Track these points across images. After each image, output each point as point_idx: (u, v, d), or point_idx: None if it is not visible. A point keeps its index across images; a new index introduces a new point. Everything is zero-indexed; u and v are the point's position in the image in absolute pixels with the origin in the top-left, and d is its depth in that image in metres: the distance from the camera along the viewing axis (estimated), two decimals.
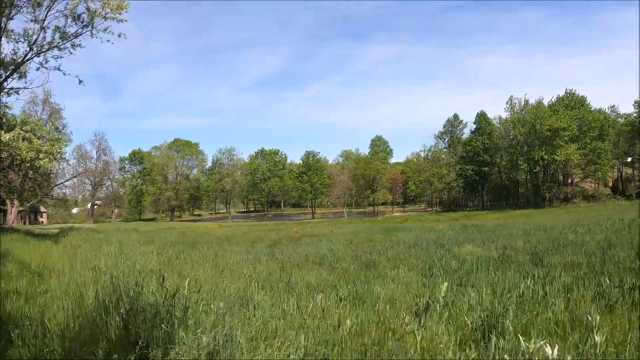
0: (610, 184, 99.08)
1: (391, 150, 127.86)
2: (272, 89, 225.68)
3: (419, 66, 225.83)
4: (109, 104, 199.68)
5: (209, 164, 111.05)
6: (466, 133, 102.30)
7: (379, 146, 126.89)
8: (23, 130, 18.42)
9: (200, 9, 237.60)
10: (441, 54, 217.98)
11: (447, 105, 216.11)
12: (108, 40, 23.15)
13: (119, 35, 23.39)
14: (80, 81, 24.61)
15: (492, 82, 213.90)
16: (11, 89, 25.18)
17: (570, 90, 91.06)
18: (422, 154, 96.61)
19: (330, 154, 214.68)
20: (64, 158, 21.64)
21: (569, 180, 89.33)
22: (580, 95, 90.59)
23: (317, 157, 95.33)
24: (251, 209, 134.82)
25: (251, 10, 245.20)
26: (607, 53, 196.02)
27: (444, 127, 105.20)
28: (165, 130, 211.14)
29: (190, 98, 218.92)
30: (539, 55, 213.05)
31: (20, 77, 25.88)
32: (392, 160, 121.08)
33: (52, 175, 36.03)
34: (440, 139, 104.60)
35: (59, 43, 22.63)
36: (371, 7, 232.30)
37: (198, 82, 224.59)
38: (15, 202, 55.94)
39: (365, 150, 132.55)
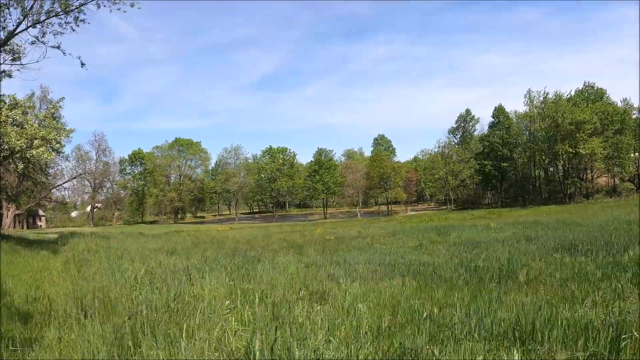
0: (627, 178, 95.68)
1: (394, 149, 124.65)
2: (270, 89, 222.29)
3: (416, 65, 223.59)
4: (106, 107, 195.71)
5: (212, 163, 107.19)
6: (479, 129, 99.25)
7: (382, 145, 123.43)
8: (12, 113, 14.67)
9: (196, 9, 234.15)
10: (438, 52, 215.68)
11: (445, 104, 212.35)
12: (119, 9, 19.47)
13: (132, 5, 19.67)
14: (83, 64, 21.14)
15: (490, 80, 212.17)
16: (3, 71, 21.44)
17: (589, 82, 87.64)
18: (436, 150, 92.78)
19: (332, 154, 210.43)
20: (63, 152, 17.59)
21: (589, 176, 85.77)
22: (599, 88, 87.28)
23: (329, 155, 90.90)
24: (255, 210, 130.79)
25: (248, 10, 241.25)
26: (605, 49, 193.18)
27: (456, 123, 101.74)
28: (164, 132, 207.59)
29: (188, 99, 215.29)
30: (537, 53, 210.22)
31: (14, 60, 22.22)
32: (395, 159, 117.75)
33: (49, 170, 31.64)
34: (453, 134, 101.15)
35: (59, 12, 18.87)
36: (368, 7, 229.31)
37: (196, 83, 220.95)
38: (12, 205, 52.04)
39: (368, 149, 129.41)
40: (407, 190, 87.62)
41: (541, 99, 78.43)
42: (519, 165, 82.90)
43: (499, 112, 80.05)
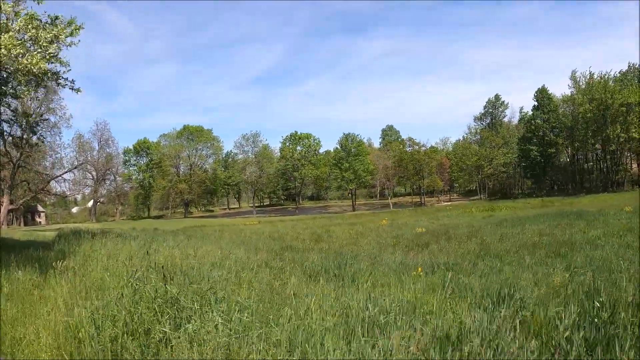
0: None
1: (403, 140, 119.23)
2: (270, 85, 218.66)
3: (416, 60, 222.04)
4: (106, 105, 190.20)
5: (223, 153, 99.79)
6: (508, 115, 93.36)
7: (391, 136, 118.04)
8: None
9: (195, 7, 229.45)
10: (438, 47, 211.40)
11: (444, 98, 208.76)
12: None
13: None
14: None
15: (489, 75, 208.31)
16: None
17: (633, 64, 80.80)
18: (467, 135, 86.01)
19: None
20: (64, 65, 9.33)
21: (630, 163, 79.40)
22: None
23: (358, 140, 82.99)
24: (265, 204, 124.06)
25: (247, 7, 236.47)
26: (603, 43, 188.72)
27: (484, 108, 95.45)
28: (164, 130, 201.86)
29: (188, 96, 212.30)
30: (535, 48, 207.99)
31: None
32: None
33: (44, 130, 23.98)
34: (480, 121, 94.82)
35: None
36: (367, 2, 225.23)
37: (196, 80, 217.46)
38: (5, 198, 44.93)
39: (376, 141, 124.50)
40: (443, 179, 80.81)
41: (587, 79, 71.80)
42: (560, 151, 76.42)
43: (542, 94, 73.00)
